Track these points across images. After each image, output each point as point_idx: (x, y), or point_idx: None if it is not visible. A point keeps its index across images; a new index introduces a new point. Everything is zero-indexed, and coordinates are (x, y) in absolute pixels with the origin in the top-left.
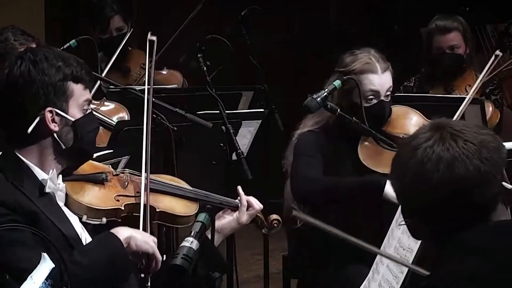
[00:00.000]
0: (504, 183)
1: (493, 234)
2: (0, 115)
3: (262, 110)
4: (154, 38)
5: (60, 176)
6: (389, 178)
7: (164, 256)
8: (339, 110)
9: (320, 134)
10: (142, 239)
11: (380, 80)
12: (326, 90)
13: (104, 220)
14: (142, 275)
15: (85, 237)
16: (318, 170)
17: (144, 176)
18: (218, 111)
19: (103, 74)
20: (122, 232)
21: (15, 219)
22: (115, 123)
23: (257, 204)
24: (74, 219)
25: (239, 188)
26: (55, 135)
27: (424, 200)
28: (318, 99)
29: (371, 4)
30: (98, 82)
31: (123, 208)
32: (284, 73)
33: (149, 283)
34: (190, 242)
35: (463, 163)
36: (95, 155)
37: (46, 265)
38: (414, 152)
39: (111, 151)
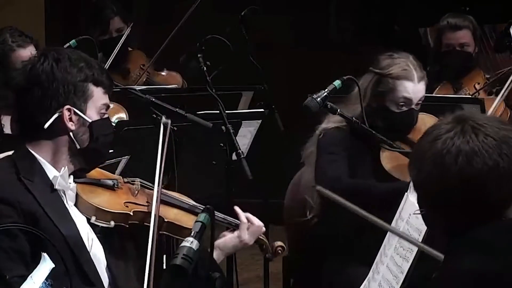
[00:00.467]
0: None
1: (506, 231)
2: (19, 108)
3: (262, 110)
4: (169, 121)
5: (72, 176)
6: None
7: (164, 256)
8: (339, 110)
9: (347, 132)
10: None
11: (414, 88)
12: (326, 90)
13: (112, 223)
14: None
15: (92, 238)
16: (344, 169)
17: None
18: (218, 111)
19: None
20: None
21: (16, 221)
22: (114, 124)
23: (256, 221)
24: (82, 220)
25: (237, 207)
26: (71, 134)
27: (439, 191)
28: (318, 99)
29: (371, 4)
30: None
31: (132, 214)
32: (284, 73)
33: None
34: (190, 242)
35: (482, 158)
36: None
37: (46, 265)
38: (434, 142)
39: (111, 151)
